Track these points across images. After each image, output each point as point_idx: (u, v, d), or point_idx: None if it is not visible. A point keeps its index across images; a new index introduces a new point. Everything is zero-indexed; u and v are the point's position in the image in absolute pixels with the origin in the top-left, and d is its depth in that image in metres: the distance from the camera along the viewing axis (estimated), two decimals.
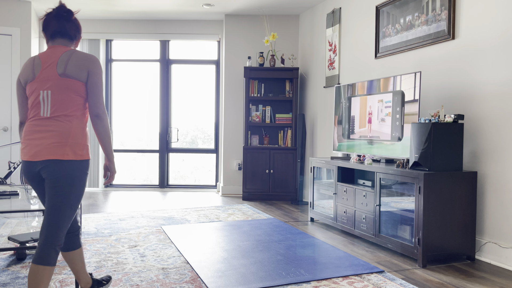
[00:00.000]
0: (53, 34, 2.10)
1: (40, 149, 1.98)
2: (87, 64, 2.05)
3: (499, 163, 3.18)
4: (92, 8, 6.12)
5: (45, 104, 2.02)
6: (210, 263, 3.12)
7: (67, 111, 2.03)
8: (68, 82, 2.02)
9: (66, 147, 2.00)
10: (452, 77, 3.59)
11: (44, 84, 2.02)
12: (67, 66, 2.02)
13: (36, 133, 2.01)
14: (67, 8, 2.15)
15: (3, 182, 5.01)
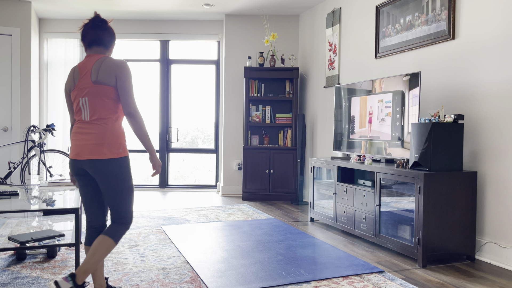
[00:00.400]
0: (90, 43, 2.31)
1: (82, 150, 2.24)
2: (114, 69, 2.25)
3: (499, 163, 3.18)
4: (92, 8, 6.11)
5: (84, 110, 2.27)
6: (210, 263, 3.12)
7: (102, 114, 2.25)
8: (101, 88, 2.23)
9: (104, 147, 2.23)
10: (452, 77, 3.59)
11: (82, 92, 2.26)
12: (98, 73, 2.24)
13: (78, 135, 2.27)
14: (102, 18, 2.35)
15: (3, 182, 5.01)
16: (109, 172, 2.23)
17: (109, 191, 2.27)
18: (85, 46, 2.34)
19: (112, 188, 2.26)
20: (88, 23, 2.32)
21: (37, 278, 2.75)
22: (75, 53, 6.72)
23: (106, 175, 2.23)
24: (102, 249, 2.24)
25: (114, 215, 2.32)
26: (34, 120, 6.21)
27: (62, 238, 2.96)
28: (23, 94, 5.99)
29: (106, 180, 2.24)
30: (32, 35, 6.11)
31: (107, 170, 2.23)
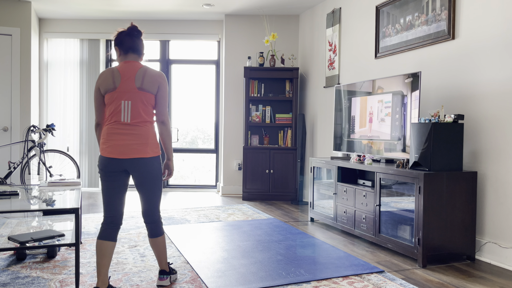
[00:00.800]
0: (126, 49, 2.52)
1: (126, 149, 2.43)
2: (158, 80, 2.49)
3: (499, 163, 3.18)
4: (92, 8, 6.12)
5: (125, 112, 2.45)
6: (210, 263, 3.12)
7: (143, 118, 2.47)
8: (144, 94, 2.46)
9: (147, 147, 2.47)
10: (452, 77, 3.59)
11: (124, 95, 2.44)
12: (143, 81, 2.46)
13: (118, 135, 2.44)
14: (138, 29, 2.57)
15: (3, 182, 5.01)
16: (151, 169, 2.48)
17: (148, 187, 2.52)
18: (120, 52, 2.54)
19: (152, 184, 2.51)
20: (126, 31, 2.53)
21: (37, 278, 2.76)
22: (75, 53, 6.72)
23: (148, 173, 2.48)
24: (163, 245, 2.66)
25: (150, 213, 2.58)
26: (34, 120, 6.21)
27: (62, 238, 2.96)
28: (23, 94, 5.99)
29: (148, 177, 2.49)
30: (32, 35, 6.11)
31: (149, 167, 2.47)
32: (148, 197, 2.55)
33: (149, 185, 2.51)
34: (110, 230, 2.49)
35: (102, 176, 2.49)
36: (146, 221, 2.61)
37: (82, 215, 4.69)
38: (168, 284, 2.68)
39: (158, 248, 2.65)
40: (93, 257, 3.24)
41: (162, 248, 2.66)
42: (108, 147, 2.44)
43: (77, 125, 6.73)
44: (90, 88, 6.73)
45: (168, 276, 2.70)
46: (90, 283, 2.70)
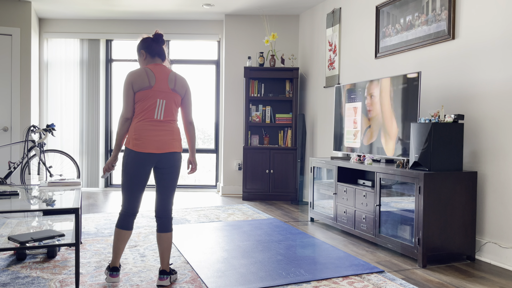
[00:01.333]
0: (154, 54, 2.74)
1: (161, 144, 2.63)
2: (186, 85, 2.77)
3: (499, 163, 3.18)
4: (92, 8, 6.12)
5: (159, 109, 2.65)
6: (210, 263, 3.12)
7: (173, 116, 2.71)
8: (175, 96, 2.70)
9: (178, 142, 2.73)
10: (452, 77, 3.59)
11: (159, 94, 2.64)
12: (175, 84, 2.70)
13: (152, 131, 2.62)
14: (163, 37, 2.86)
15: (3, 182, 5.01)
16: (179, 164, 2.75)
17: (173, 181, 2.73)
18: (147, 55, 2.74)
19: (176, 178, 2.75)
20: (152, 38, 2.75)
21: (37, 278, 2.76)
22: (75, 53, 6.72)
23: (177, 167, 2.73)
24: (170, 242, 2.76)
25: (167, 207, 2.74)
26: (34, 120, 6.21)
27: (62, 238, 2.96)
28: (23, 94, 5.99)
29: (176, 171, 2.73)
30: (32, 35, 6.11)
31: (179, 162, 2.74)
32: (170, 191, 2.73)
33: (174, 179, 2.73)
34: (130, 220, 2.69)
35: (133, 171, 2.62)
36: (161, 215, 2.73)
37: (82, 215, 4.69)
38: (168, 284, 2.70)
39: (165, 245, 2.73)
40: (93, 257, 3.24)
41: (168, 245, 2.73)
42: (142, 143, 2.60)
43: (77, 125, 6.73)
44: (90, 88, 6.73)
45: (169, 276, 2.72)
46: (90, 283, 2.70)
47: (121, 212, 2.70)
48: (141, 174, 2.63)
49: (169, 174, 2.70)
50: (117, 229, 2.69)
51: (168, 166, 2.69)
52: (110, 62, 6.90)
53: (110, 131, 6.92)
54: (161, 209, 2.73)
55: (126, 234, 2.69)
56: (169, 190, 2.73)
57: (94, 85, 6.73)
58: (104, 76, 6.80)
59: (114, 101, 6.95)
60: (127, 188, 2.65)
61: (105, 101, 6.83)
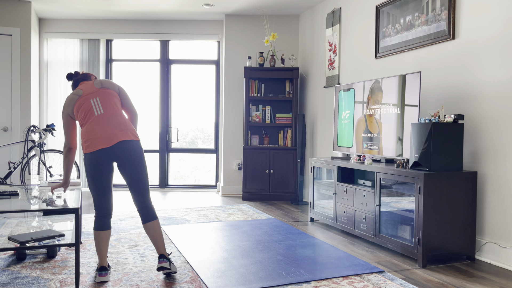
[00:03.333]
0: (76, 85, 3.00)
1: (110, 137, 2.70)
2: (113, 83, 2.93)
3: (499, 163, 3.18)
4: (92, 8, 6.12)
5: (96, 107, 2.76)
6: (210, 263, 3.12)
7: (114, 109, 2.79)
8: (107, 90, 2.85)
9: (129, 131, 2.76)
10: (452, 77, 3.59)
11: (90, 96, 2.78)
12: (102, 84, 2.88)
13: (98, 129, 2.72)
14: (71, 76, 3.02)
15: (3, 182, 5.01)
16: (136, 152, 2.76)
17: (137, 173, 2.77)
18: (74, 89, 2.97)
19: (138, 168, 2.78)
20: (69, 80, 3.01)
21: (37, 278, 2.76)
22: (75, 53, 6.73)
23: (134, 156, 2.75)
24: (158, 229, 2.79)
25: (141, 200, 2.79)
26: (34, 120, 6.21)
27: (62, 238, 2.96)
28: (23, 94, 5.99)
29: (135, 160, 2.77)
30: (32, 35, 6.11)
31: (134, 150, 2.75)
32: (139, 183, 2.73)
33: (138, 169, 2.73)
34: (105, 220, 2.73)
35: (93, 173, 2.66)
36: (141, 207, 2.77)
37: (82, 215, 4.69)
38: (169, 267, 2.72)
39: (154, 233, 2.75)
40: (94, 257, 3.24)
41: (157, 233, 2.75)
42: (92, 143, 2.65)
43: (77, 125, 6.72)
44: None
45: (168, 261, 2.74)
46: (90, 283, 2.70)
47: (95, 215, 2.73)
48: (102, 173, 2.66)
49: (130, 165, 2.68)
50: (95, 232, 2.72)
51: (126, 157, 2.66)
52: (110, 62, 6.90)
53: None
54: (137, 202, 2.77)
55: (105, 235, 2.73)
56: (137, 183, 2.72)
57: None
58: (104, 76, 6.80)
59: None
60: (94, 191, 2.69)
61: None
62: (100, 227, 2.72)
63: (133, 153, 2.68)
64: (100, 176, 2.66)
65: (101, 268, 2.73)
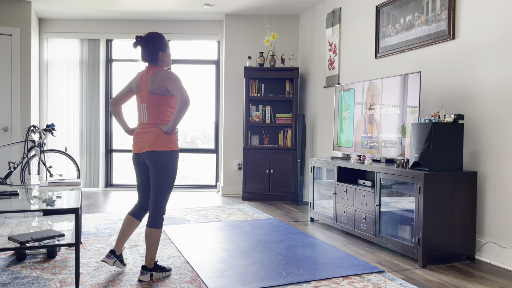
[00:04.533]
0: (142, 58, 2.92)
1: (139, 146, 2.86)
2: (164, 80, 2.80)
3: (499, 163, 3.18)
4: (92, 8, 6.12)
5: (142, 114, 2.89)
6: (210, 263, 3.12)
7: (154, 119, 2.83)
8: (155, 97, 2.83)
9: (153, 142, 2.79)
10: (452, 77, 3.59)
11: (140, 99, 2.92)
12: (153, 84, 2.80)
13: (135, 135, 2.93)
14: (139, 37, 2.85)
15: (3, 182, 5.01)
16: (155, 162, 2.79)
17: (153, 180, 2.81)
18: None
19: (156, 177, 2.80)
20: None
21: (37, 278, 2.76)
22: (75, 53, 6.72)
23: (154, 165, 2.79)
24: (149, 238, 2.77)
25: (150, 204, 2.82)
26: (34, 120, 6.21)
27: (62, 238, 2.96)
28: (23, 94, 5.99)
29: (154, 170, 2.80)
30: (32, 35, 6.11)
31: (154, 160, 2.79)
32: (153, 189, 2.79)
33: (155, 177, 2.79)
34: (138, 209, 2.92)
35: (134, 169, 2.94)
36: (149, 211, 2.83)
37: (82, 215, 4.69)
38: (148, 280, 2.74)
39: (145, 239, 2.79)
40: (93, 257, 3.24)
41: (146, 240, 2.77)
42: (133, 145, 2.91)
43: (77, 125, 6.72)
44: (90, 88, 6.73)
45: (149, 273, 2.76)
46: (90, 283, 2.70)
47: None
48: (136, 171, 2.91)
49: (152, 173, 2.78)
50: (126, 214, 2.92)
51: (150, 165, 2.77)
52: (110, 62, 6.90)
53: (110, 131, 6.91)
54: (149, 204, 2.85)
55: (129, 220, 2.89)
56: (153, 187, 2.78)
57: (94, 85, 6.73)
58: (104, 76, 6.80)
59: None
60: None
61: (105, 101, 6.83)
62: (131, 212, 2.93)
63: (152, 164, 2.82)
64: (136, 173, 2.93)
65: (111, 251, 2.91)
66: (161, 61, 2.82)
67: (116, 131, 6.98)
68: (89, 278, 2.79)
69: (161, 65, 2.82)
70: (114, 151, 6.96)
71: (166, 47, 2.83)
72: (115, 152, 6.97)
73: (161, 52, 2.80)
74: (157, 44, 2.78)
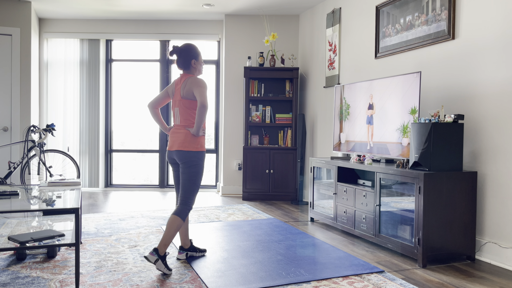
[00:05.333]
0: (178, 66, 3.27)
1: (170, 143, 3.17)
2: (192, 86, 3.23)
3: (499, 163, 3.18)
4: (92, 8, 6.12)
5: (176, 116, 3.19)
6: (210, 263, 3.12)
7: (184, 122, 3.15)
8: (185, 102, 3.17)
9: (182, 142, 3.09)
10: (452, 77, 3.59)
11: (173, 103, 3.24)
12: (185, 90, 3.19)
13: (170, 134, 3.22)
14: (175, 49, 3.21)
15: (3, 182, 5.01)
16: (183, 160, 3.08)
17: (182, 176, 3.09)
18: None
19: (183, 173, 3.09)
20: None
21: (37, 278, 2.76)
22: (75, 53, 6.73)
23: (182, 162, 3.08)
24: (170, 224, 2.98)
25: (180, 196, 3.10)
26: (34, 120, 6.21)
27: (62, 238, 2.96)
28: (23, 94, 5.99)
29: (183, 166, 3.09)
30: (32, 35, 6.11)
31: (182, 159, 3.08)
32: (181, 184, 3.08)
33: (183, 173, 3.07)
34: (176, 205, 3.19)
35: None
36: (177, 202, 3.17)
37: (82, 215, 4.69)
38: (151, 261, 2.86)
39: (167, 225, 2.99)
40: (93, 257, 3.25)
41: (168, 225, 2.98)
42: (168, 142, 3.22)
43: (77, 125, 6.73)
44: (90, 88, 6.73)
45: (156, 256, 2.87)
46: (90, 283, 2.70)
47: (190, 208, 3.08)
48: (171, 168, 3.23)
49: (181, 169, 3.08)
50: (182, 220, 3.05)
51: (179, 162, 3.08)
52: (110, 62, 6.90)
53: (110, 131, 6.92)
54: (179, 197, 3.12)
55: (170, 217, 3.05)
56: (181, 183, 3.07)
57: (94, 85, 6.73)
58: (104, 76, 6.80)
59: (114, 101, 6.95)
60: (198, 186, 3.11)
61: (105, 101, 6.83)
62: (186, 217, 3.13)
63: (181, 161, 3.10)
64: (172, 170, 3.25)
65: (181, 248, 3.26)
66: (194, 68, 3.21)
67: (116, 131, 6.98)
68: (89, 278, 2.79)
69: (193, 72, 3.22)
70: (114, 151, 6.96)
71: (198, 56, 3.20)
72: (115, 152, 6.97)
73: (194, 60, 3.18)
74: (189, 52, 3.15)
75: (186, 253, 3.25)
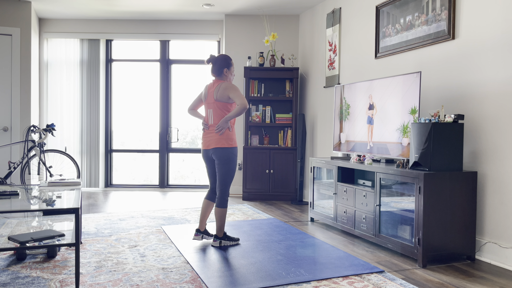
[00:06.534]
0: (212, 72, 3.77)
1: (206, 143, 3.64)
2: (225, 90, 3.57)
3: (499, 163, 3.18)
4: (92, 8, 6.12)
5: (209, 117, 3.62)
6: (210, 263, 3.12)
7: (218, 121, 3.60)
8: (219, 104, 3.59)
9: (217, 141, 3.53)
10: (452, 77, 3.59)
11: (207, 105, 3.67)
12: (218, 94, 3.57)
13: (204, 134, 3.67)
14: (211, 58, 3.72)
15: (3, 182, 5.01)
16: (218, 157, 3.53)
17: (218, 170, 3.57)
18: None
19: (219, 169, 3.56)
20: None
21: (37, 278, 2.76)
22: (75, 53, 6.73)
23: (217, 159, 3.53)
24: (216, 212, 3.56)
25: (218, 187, 3.58)
26: (34, 120, 6.21)
27: (62, 238, 2.96)
28: (23, 94, 5.99)
29: (218, 163, 3.55)
30: (32, 35, 6.11)
31: (217, 156, 3.53)
32: (218, 177, 3.55)
33: (219, 169, 3.54)
34: (210, 193, 3.71)
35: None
36: (216, 191, 3.65)
37: (82, 215, 4.69)
38: (217, 246, 3.53)
39: (206, 210, 3.67)
40: (93, 257, 3.25)
41: (216, 217, 3.55)
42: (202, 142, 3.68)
43: (77, 125, 6.73)
44: (90, 88, 6.73)
45: (218, 240, 3.54)
46: (90, 283, 2.70)
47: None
48: (205, 164, 3.67)
49: (217, 165, 3.52)
50: (203, 199, 3.69)
51: (216, 159, 3.51)
52: (110, 62, 6.90)
53: (110, 131, 6.92)
54: (217, 189, 3.58)
55: (206, 203, 3.67)
56: (218, 176, 3.54)
57: (94, 85, 6.73)
58: (104, 76, 6.80)
59: (114, 101, 6.94)
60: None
61: (105, 101, 6.83)
62: (206, 195, 3.70)
63: (216, 158, 3.55)
64: (206, 166, 3.70)
65: (197, 230, 3.70)
66: (225, 76, 3.61)
67: (116, 131, 6.98)
68: (89, 278, 2.79)
69: (224, 79, 3.61)
70: (114, 151, 6.96)
71: (231, 66, 3.62)
72: (115, 152, 6.97)
73: (225, 68, 3.60)
74: (223, 62, 3.59)
75: (201, 235, 3.66)
